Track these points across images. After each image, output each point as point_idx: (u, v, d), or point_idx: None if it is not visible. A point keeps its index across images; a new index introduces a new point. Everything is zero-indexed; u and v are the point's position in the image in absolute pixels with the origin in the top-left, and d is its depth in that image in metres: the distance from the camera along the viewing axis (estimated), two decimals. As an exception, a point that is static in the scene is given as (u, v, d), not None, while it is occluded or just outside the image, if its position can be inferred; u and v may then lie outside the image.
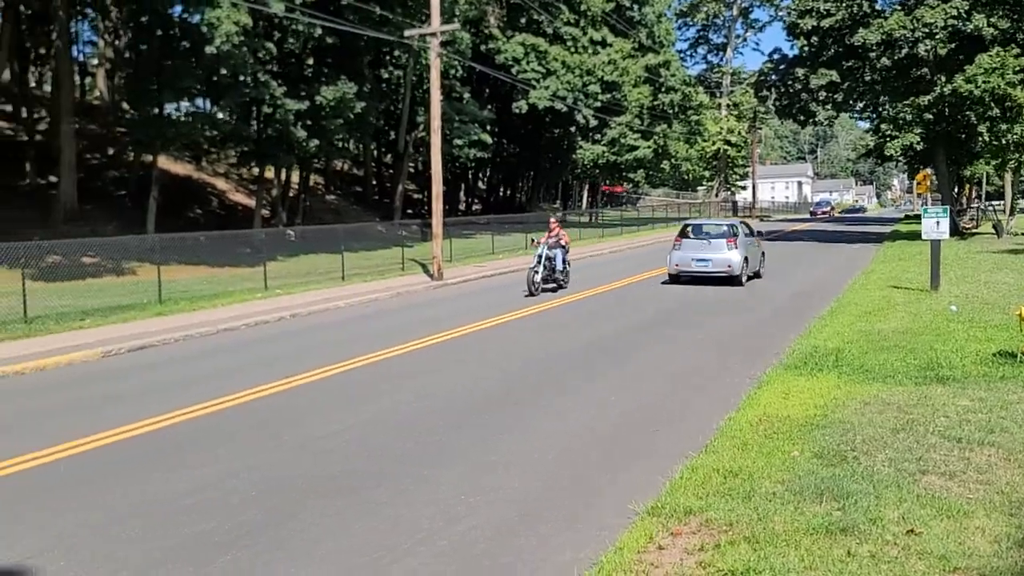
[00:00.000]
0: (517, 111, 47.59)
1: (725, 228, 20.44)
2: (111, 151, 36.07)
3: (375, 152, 53.16)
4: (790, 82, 40.16)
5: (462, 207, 57.40)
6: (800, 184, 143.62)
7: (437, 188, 23.41)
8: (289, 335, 13.97)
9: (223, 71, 27.23)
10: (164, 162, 32.79)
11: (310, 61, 34.16)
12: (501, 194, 65.52)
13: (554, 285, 19.18)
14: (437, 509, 5.72)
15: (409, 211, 47.83)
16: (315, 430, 7.79)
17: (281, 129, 29.46)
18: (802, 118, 44.35)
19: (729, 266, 19.44)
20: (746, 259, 19.93)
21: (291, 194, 38.80)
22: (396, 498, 5.96)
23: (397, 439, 7.46)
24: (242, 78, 27.21)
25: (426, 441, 7.37)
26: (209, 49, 25.02)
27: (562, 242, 19.62)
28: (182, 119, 30.52)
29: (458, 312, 16.02)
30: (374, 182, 52.91)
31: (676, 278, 20.35)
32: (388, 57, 42.38)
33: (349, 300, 18.10)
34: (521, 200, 65.74)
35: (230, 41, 24.93)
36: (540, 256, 18.72)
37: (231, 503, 5.91)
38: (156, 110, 29.83)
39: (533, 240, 20.22)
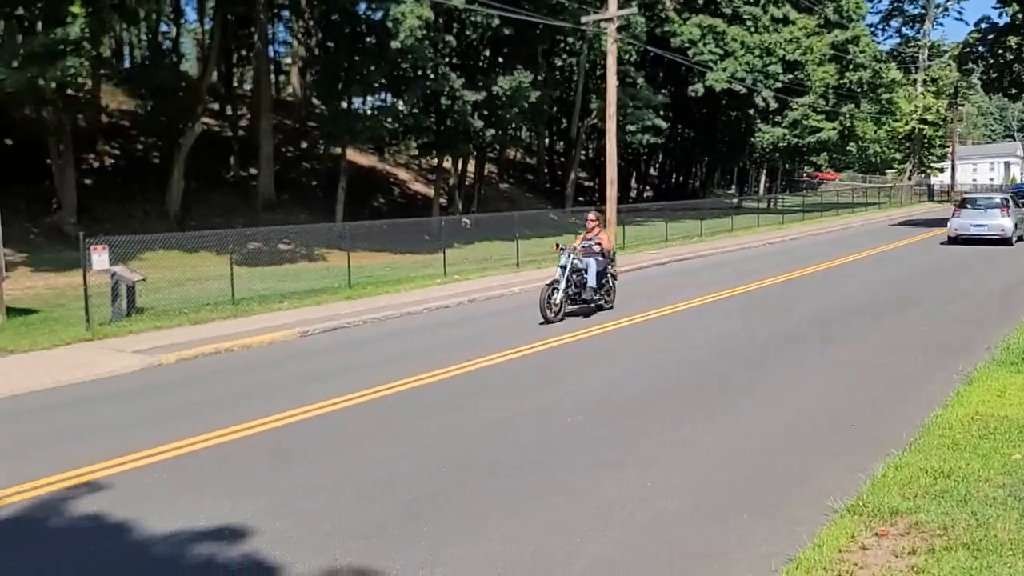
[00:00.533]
0: (692, 94, 46.37)
1: (999, 200, 25.32)
2: (304, 144, 38.60)
3: (547, 140, 53.60)
4: (1000, 52, 36.61)
5: (633, 194, 56.76)
6: (1007, 165, 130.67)
7: (612, 174, 23.29)
8: (467, 319, 14.36)
9: (405, 65, 28.35)
10: (351, 154, 34.65)
11: (486, 52, 34.89)
12: (674, 180, 64.17)
13: (595, 305, 14.18)
14: (626, 495, 5.67)
15: (580, 198, 47.89)
16: (496, 412, 7.94)
17: (459, 120, 30.32)
18: (1014, 91, 40.40)
19: (1002, 230, 24.19)
20: (1016, 224, 24.41)
21: (467, 183, 39.91)
22: (583, 480, 5.97)
23: (579, 424, 7.46)
24: (423, 71, 28.21)
25: (609, 427, 7.33)
26: (393, 44, 26.08)
27: (597, 247, 14.35)
28: (368, 113, 32.10)
29: (635, 296, 15.70)
30: (546, 170, 53.40)
31: (955, 239, 25.11)
32: (562, 45, 42.53)
33: (524, 286, 18.35)
34: (694, 186, 64.14)
35: (413, 36, 25.88)
36: (564, 267, 13.55)
37: (422, 477, 6.14)
38: (344, 105, 31.54)
39: (557, 245, 14.57)
